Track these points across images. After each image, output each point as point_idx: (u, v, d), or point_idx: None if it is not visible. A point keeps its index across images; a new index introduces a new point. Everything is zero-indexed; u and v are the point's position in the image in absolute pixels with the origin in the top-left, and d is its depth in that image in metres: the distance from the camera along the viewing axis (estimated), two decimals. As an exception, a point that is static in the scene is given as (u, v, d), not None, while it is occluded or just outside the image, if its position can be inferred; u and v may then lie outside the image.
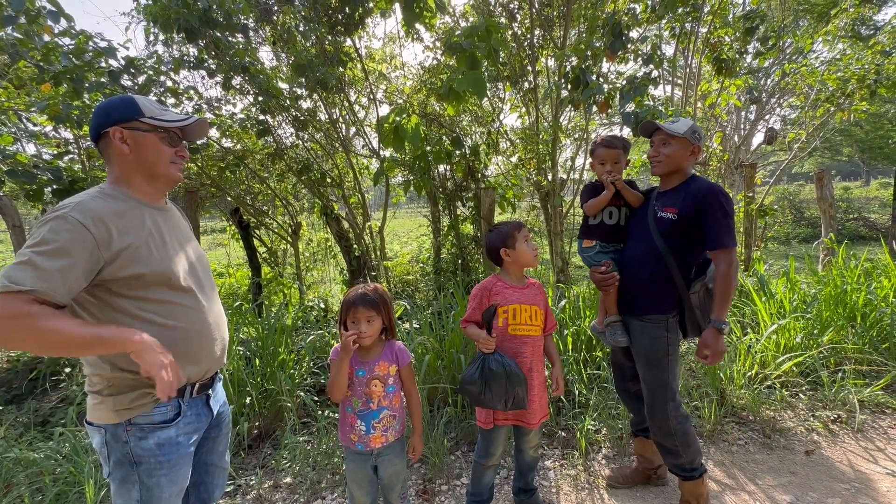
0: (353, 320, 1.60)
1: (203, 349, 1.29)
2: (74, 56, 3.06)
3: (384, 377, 1.64)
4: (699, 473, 1.91)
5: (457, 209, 5.28)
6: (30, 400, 3.17)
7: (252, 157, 4.80)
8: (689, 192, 1.83)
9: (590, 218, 2.07)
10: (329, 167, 5.12)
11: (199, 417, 1.31)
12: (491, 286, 1.87)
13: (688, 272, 1.87)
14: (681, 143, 1.86)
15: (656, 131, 1.92)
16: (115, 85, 3.13)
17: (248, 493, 2.27)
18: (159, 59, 3.53)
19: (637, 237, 1.96)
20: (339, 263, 5.61)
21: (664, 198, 1.91)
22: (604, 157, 2.02)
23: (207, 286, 1.37)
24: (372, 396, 1.62)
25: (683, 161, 1.89)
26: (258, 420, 2.82)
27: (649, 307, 1.89)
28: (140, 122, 1.21)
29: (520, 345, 1.83)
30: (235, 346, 2.99)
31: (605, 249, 2.05)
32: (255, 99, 3.88)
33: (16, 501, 2.15)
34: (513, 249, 1.86)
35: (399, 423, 1.68)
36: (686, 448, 1.88)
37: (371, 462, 1.67)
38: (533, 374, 1.84)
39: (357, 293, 1.63)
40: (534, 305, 1.87)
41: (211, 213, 6.03)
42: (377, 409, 1.63)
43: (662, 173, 1.94)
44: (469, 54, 3.55)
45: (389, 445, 1.66)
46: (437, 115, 5.10)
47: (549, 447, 2.53)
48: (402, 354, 1.70)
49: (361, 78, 4.93)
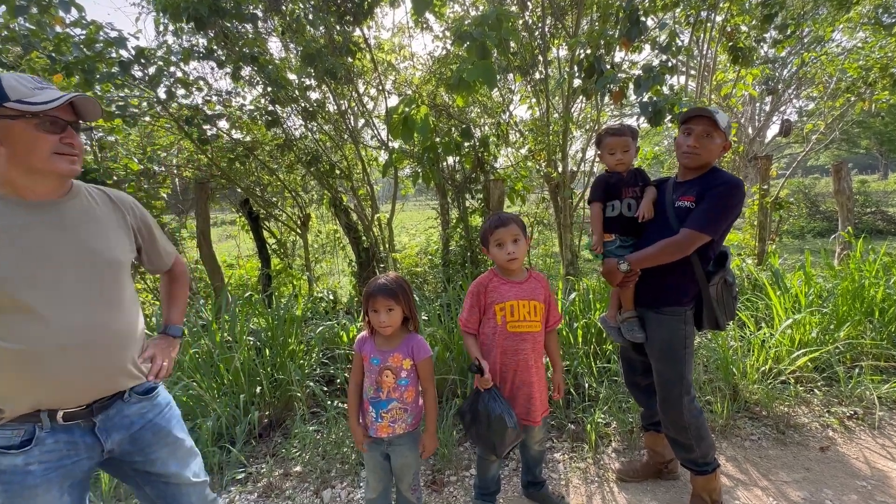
0: (375, 310, 1.61)
1: (60, 373, 1.09)
2: (85, 46, 3.07)
3: (396, 369, 1.63)
4: (712, 468, 1.88)
5: (465, 201, 5.25)
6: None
7: (261, 149, 4.81)
8: (708, 182, 1.78)
9: (606, 209, 2.00)
10: (338, 159, 5.11)
11: (72, 447, 1.14)
12: (487, 282, 1.83)
13: (707, 263, 1.83)
14: (720, 136, 1.79)
15: (698, 119, 1.79)
16: (125, 75, 3.14)
17: (258, 480, 2.30)
18: (169, 50, 3.53)
19: (655, 228, 1.89)
20: (348, 255, 5.62)
21: (683, 187, 1.86)
22: (612, 145, 1.97)
23: (84, 297, 1.13)
24: (382, 386, 1.62)
25: (717, 156, 1.83)
26: (269, 409, 2.84)
27: (668, 299, 1.85)
28: (5, 107, 1.01)
29: (519, 342, 1.79)
30: (245, 336, 3.01)
31: (626, 243, 1.98)
32: (263, 90, 3.86)
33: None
34: (487, 250, 1.83)
35: (411, 418, 1.67)
36: (700, 442, 1.85)
37: (382, 449, 1.68)
38: (532, 371, 1.81)
39: (377, 283, 1.64)
40: (533, 300, 1.82)
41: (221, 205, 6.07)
42: (386, 400, 1.63)
43: (696, 166, 1.84)
44: (479, 44, 3.50)
45: (399, 437, 1.66)
46: (446, 106, 5.05)
47: (559, 440, 2.52)
48: (419, 350, 1.67)
49: (370, 68, 4.90)
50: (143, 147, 4.58)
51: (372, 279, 1.68)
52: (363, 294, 1.67)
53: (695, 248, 1.75)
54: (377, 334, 1.67)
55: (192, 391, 2.64)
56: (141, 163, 4.32)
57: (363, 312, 1.67)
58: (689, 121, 1.82)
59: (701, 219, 1.73)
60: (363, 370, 1.68)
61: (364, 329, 1.73)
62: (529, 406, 1.81)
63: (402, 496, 1.76)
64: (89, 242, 1.16)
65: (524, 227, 1.84)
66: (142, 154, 4.46)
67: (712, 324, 1.88)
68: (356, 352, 1.69)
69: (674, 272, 1.81)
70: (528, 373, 1.80)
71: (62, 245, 1.12)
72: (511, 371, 1.79)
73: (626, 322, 1.96)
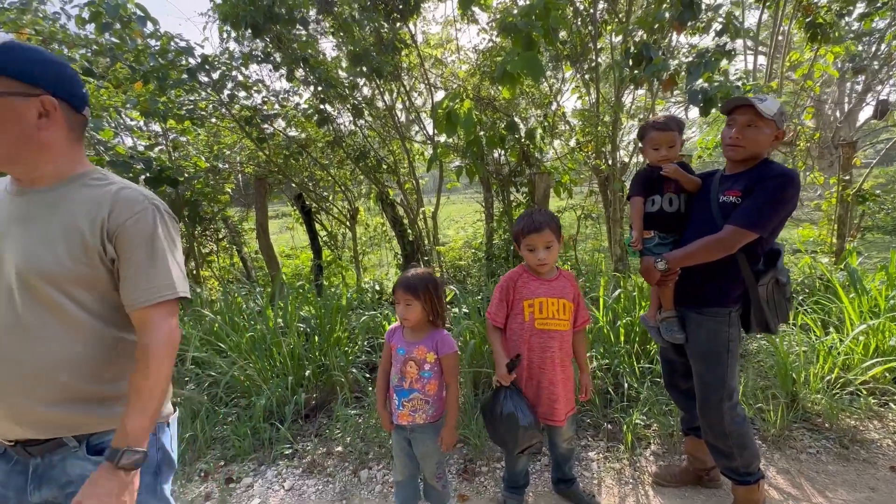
0: (397, 301, 1.69)
1: None
2: (159, 56, 3.39)
3: (420, 361, 1.69)
4: (755, 479, 1.78)
5: (510, 194, 5.21)
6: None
7: (314, 146, 5.06)
8: (757, 175, 1.66)
9: (647, 205, 1.91)
10: (385, 154, 5.26)
11: (4, 476, 0.99)
12: (517, 278, 1.83)
13: (756, 261, 1.71)
14: (768, 125, 1.64)
15: (741, 109, 1.67)
16: (192, 80, 3.43)
17: (303, 457, 2.47)
18: (231, 55, 3.81)
19: (698, 224, 1.78)
20: (395, 248, 5.78)
21: (729, 181, 1.73)
22: (658, 140, 1.86)
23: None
24: (405, 376, 1.70)
25: (765, 146, 1.68)
26: (315, 392, 3.03)
27: (710, 300, 1.76)
28: None
29: (547, 339, 1.79)
30: (296, 322, 3.22)
31: (665, 240, 1.88)
32: (315, 89, 4.06)
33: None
34: (519, 248, 1.81)
35: (433, 409, 1.72)
36: (741, 451, 1.75)
37: (406, 435, 1.76)
38: (557, 370, 1.80)
39: (403, 276, 1.72)
40: (562, 298, 1.80)
41: (281, 199, 6.46)
42: (408, 389, 1.70)
43: (742, 159, 1.71)
44: (524, 35, 3.44)
45: (420, 427, 1.72)
46: (491, 98, 5.03)
47: (595, 439, 2.48)
48: (443, 344, 1.72)
49: (417, 64, 4.98)
50: (210, 146, 4.98)
51: (403, 274, 1.75)
52: (394, 287, 1.74)
53: (739, 246, 1.63)
54: (406, 327, 1.74)
55: (247, 371, 2.88)
56: (208, 160, 4.71)
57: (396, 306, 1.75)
58: (733, 111, 1.71)
59: (747, 214, 1.61)
60: (391, 358, 1.76)
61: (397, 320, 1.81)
62: (553, 406, 1.81)
63: (428, 484, 1.83)
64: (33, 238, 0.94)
65: (559, 228, 1.80)
66: (209, 152, 4.86)
67: (762, 326, 1.77)
68: (386, 341, 1.78)
69: (717, 271, 1.71)
70: (554, 371, 1.79)
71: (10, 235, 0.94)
72: (537, 368, 1.80)
73: (665, 322, 1.88)
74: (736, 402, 1.77)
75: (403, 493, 1.86)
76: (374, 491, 2.20)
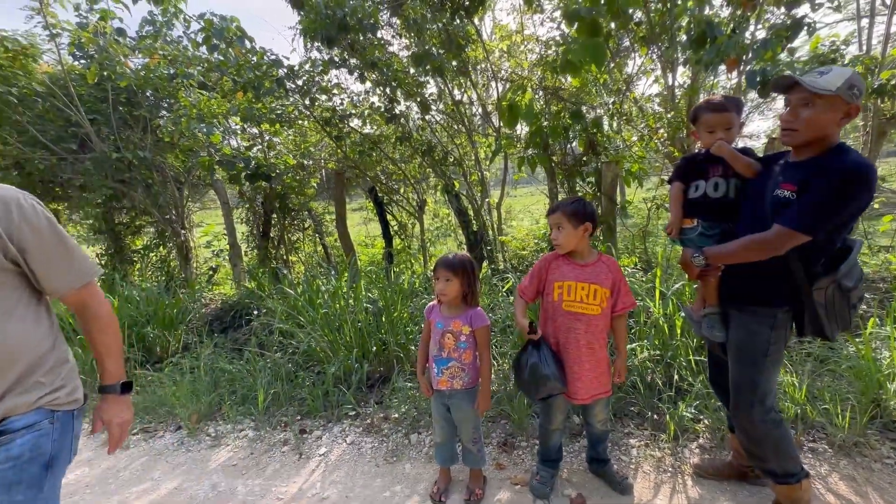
0: (437, 278, 1.89)
1: None
2: (255, 69, 3.93)
3: (456, 333, 1.89)
4: (796, 479, 1.70)
5: (576, 185, 5.15)
6: (231, 331, 4.31)
7: (386, 141, 5.44)
8: (818, 166, 1.44)
9: (689, 190, 1.80)
10: (451, 147, 5.47)
11: None
12: (551, 261, 1.91)
13: (813, 262, 1.53)
14: (830, 102, 1.41)
15: (795, 87, 1.47)
16: (280, 89, 3.92)
17: (365, 419, 2.80)
18: (313, 63, 4.26)
19: (750, 219, 1.61)
20: (459, 237, 6.01)
21: (792, 169, 1.53)
22: (712, 122, 1.71)
23: None
24: (444, 346, 1.90)
25: (831, 127, 1.45)
26: (379, 365, 3.37)
27: (754, 299, 1.64)
28: None
29: (573, 321, 1.86)
30: (364, 303, 3.59)
31: (710, 231, 1.74)
32: (383, 89, 4.38)
33: (215, 397, 3.05)
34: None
35: (468, 377, 1.92)
36: (775, 454, 1.67)
37: (444, 401, 1.96)
38: (582, 352, 1.86)
39: (443, 256, 1.93)
40: (594, 284, 1.84)
41: (356, 192, 7.02)
42: (446, 358, 1.90)
43: (798, 144, 1.51)
44: (589, 21, 3.41)
45: (457, 392, 1.92)
46: (556, 88, 4.99)
47: (639, 428, 2.49)
48: (477, 319, 1.91)
49: (483, 57, 5.09)
50: (298, 145, 5.59)
51: (441, 256, 1.95)
52: (434, 268, 1.95)
53: (787, 248, 1.48)
54: (443, 303, 1.93)
55: (321, 343, 3.29)
56: (295, 158, 5.30)
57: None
58: (787, 91, 1.51)
59: (799, 214, 1.43)
60: (430, 332, 1.97)
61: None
62: (575, 384, 1.88)
63: (465, 447, 2.03)
64: None
65: (576, 214, 1.81)
66: (296, 151, 5.46)
67: (817, 332, 1.60)
68: (425, 317, 1.99)
69: (764, 268, 1.56)
70: (579, 352, 1.86)
71: None
72: (562, 346, 1.89)
73: (707, 318, 1.80)
74: (770, 408, 1.66)
75: (442, 453, 2.09)
76: (421, 452, 2.45)
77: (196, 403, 2.97)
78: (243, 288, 5.08)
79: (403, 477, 2.26)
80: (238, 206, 6.13)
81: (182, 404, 2.96)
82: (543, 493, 2.01)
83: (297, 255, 6.09)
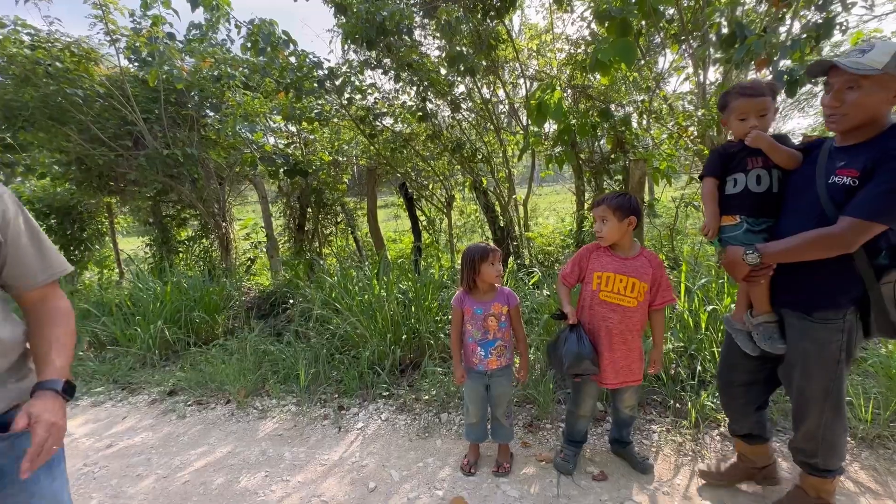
0: (492, 263, 2.01)
1: None
2: (297, 71, 4.17)
3: (498, 315, 2.06)
4: (832, 475, 1.67)
5: (603, 182, 5.20)
6: (270, 317, 4.59)
7: (417, 139, 5.62)
8: (882, 148, 1.33)
9: (727, 185, 1.66)
10: (480, 144, 5.61)
11: None
12: (592, 251, 2.01)
13: (876, 254, 1.42)
14: (879, 82, 1.29)
15: (832, 72, 1.38)
16: (321, 89, 4.15)
17: (398, 399, 2.99)
18: (350, 64, 4.48)
19: (799, 208, 1.49)
20: (486, 233, 6.14)
21: (843, 155, 1.42)
22: (745, 109, 1.58)
23: None
24: (489, 329, 2.07)
25: (881, 107, 1.33)
26: (410, 352, 3.55)
27: (819, 301, 1.48)
28: None
29: (608, 311, 1.95)
30: (395, 293, 3.77)
31: (756, 227, 1.60)
32: (417, 89, 4.55)
33: (259, 376, 3.30)
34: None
35: (509, 353, 2.11)
36: (828, 453, 1.62)
37: (485, 381, 2.14)
38: (614, 341, 1.95)
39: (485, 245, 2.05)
40: (633, 278, 1.90)
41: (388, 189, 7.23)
42: (492, 340, 2.07)
43: (847, 129, 1.41)
44: (619, 21, 3.48)
45: (501, 368, 2.11)
46: (585, 86, 5.05)
47: (662, 416, 2.58)
48: (512, 297, 2.10)
49: (513, 57, 5.20)
50: (332, 142, 5.84)
51: (473, 246, 2.09)
52: (471, 257, 2.04)
53: (861, 242, 1.35)
54: (474, 291, 2.09)
55: (357, 329, 3.50)
56: (330, 155, 5.55)
57: (467, 275, 2.05)
58: (827, 75, 1.42)
59: (871, 202, 1.31)
60: (463, 321, 2.13)
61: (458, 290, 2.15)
62: (606, 372, 1.98)
63: (498, 421, 2.20)
64: None
65: (621, 208, 1.85)
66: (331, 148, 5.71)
67: (886, 332, 1.47)
68: (455, 307, 2.13)
69: (828, 266, 1.43)
70: (611, 340, 1.96)
71: None
72: (595, 333, 1.99)
73: (761, 327, 1.62)
74: (842, 414, 1.57)
75: (476, 432, 2.25)
76: (451, 430, 2.61)
77: (243, 380, 3.22)
78: (281, 277, 5.37)
79: (435, 451, 2.43)
80: (275, 201, 6.44)
81: (230, 381, 3.22)
82: (567, 469, 2.15)
83: (330, 248, 6.36)
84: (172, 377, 3.43)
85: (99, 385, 3.47)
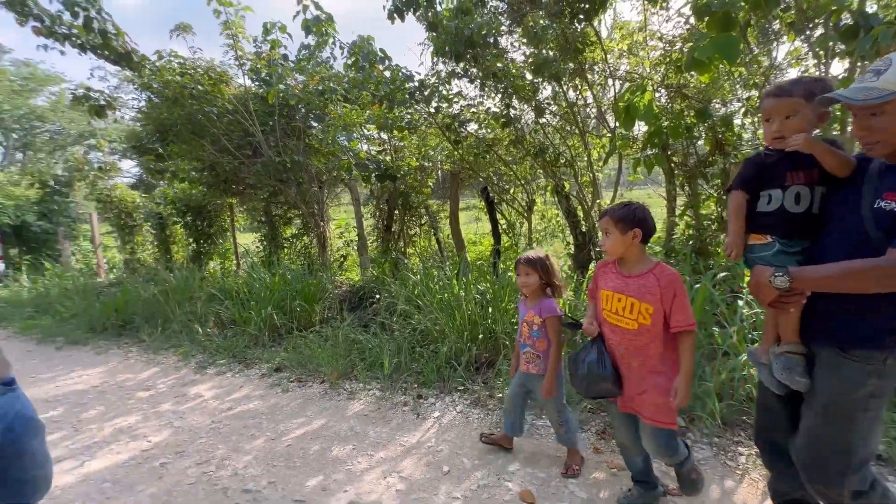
0: (518, 273, 2.17)
1: None
2: (391, 84, 4.53)
3: (530, 322, 2.16)
4: None
5: (697, 187, 4.86)
6: (358, 310, 5.02)
7: (500, 144, 5.73)
8: None
9: (761, 201, 1.44)
10: (563, 148, 5.56)
11: None
12: (603, 266, 1.87)
13: None
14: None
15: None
16: (411, 100, 4.46)
17: (473, 394, 3.13)
18: (438, 75, 4.74)
19: (841, 230, 1.33)
20: (567, 238, 6.05)
21: (892, 177, 1.25)
22: (769, 111, 1.40)
23: None
24: (522, 333, 2.19)
25: None
26: (486, 350, 3.68)
27: (857, 336, 1.29)
28: None
29: (609, 332, 1.81)
30: (474, 293, 3.93)
31: (790, 248, 1.40)
32: (501, 97, 4.67)
33: (349, 361, 3.66)
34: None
35: (543, 364, 2.15)
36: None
37: (522, 381, 2.25)
38: (623, 365, 1.78)
39: (523, 255, 2.19)
40: (632, 297, 1.70)
41: (470, 193, 7.44)
42: (522, 344, 2.19)
43: (889, 153, 1.25)
44: (720, 15, 3.30)
45: (533, 376, 2.18)
46: (680, 85, 4.77)
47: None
48: (545, 309, 2.13)
49: (601, 58, 5.09)
50: (420, 148, 6.19)
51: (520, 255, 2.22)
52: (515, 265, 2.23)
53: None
54: (527, 296, 2.21)
55: (436, 325, 3.72)
56: (417, 160, 5.89)
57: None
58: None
59: None
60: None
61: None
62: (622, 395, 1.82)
63: (554, 426, 2.28)
64: None
65: (624, 219, 1.69)
66: (418, 154, 6.05)
67: None
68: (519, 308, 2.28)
69: (866, 298, 1.27)
70: (622, 364, 1.80)
71: None
72: (609, 354, 1.83)
73: (783, 357, 1.42)
74: (868, 475, 1.35)
75: (506, 423, 2.40)
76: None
77: (335, 364, 3.60)
78: (369, 274, 5.82)
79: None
80: (366, 203, 6.98)
81: (325, 364, 3.62)
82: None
83: (413, 248, 6.72)
84: (278, 356, 3.94)
85: (222, 358, 4.10)
